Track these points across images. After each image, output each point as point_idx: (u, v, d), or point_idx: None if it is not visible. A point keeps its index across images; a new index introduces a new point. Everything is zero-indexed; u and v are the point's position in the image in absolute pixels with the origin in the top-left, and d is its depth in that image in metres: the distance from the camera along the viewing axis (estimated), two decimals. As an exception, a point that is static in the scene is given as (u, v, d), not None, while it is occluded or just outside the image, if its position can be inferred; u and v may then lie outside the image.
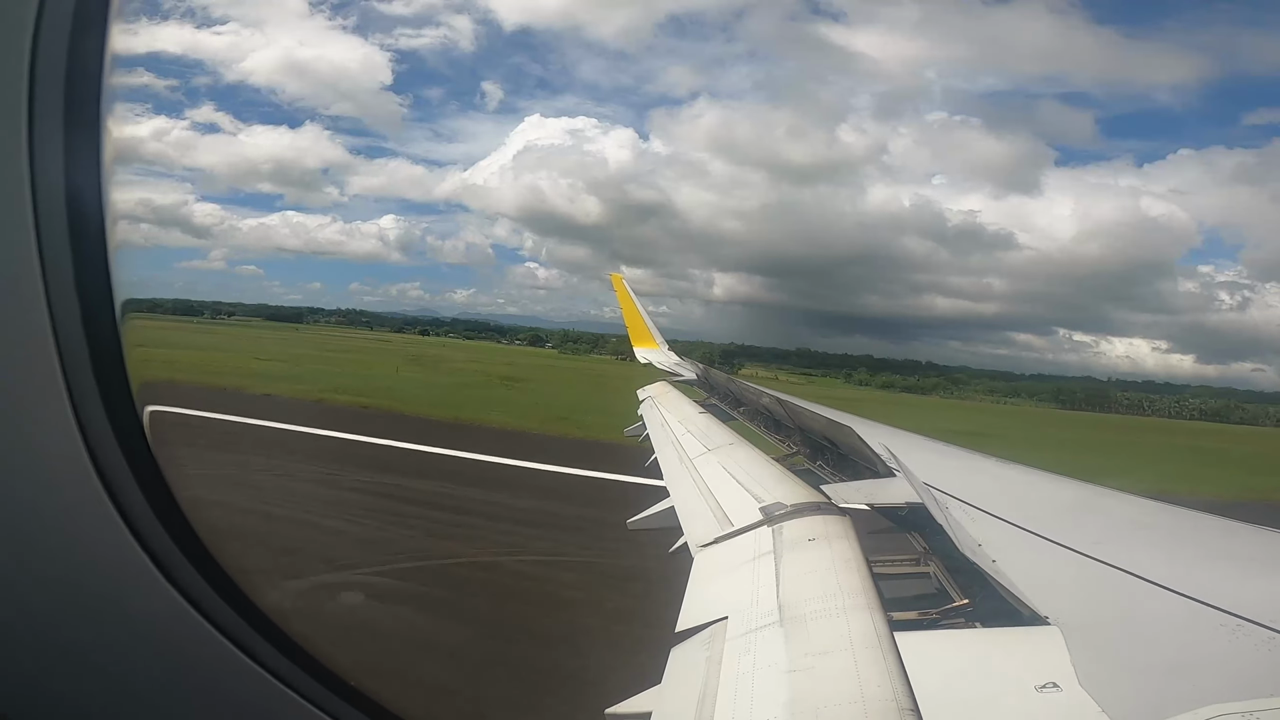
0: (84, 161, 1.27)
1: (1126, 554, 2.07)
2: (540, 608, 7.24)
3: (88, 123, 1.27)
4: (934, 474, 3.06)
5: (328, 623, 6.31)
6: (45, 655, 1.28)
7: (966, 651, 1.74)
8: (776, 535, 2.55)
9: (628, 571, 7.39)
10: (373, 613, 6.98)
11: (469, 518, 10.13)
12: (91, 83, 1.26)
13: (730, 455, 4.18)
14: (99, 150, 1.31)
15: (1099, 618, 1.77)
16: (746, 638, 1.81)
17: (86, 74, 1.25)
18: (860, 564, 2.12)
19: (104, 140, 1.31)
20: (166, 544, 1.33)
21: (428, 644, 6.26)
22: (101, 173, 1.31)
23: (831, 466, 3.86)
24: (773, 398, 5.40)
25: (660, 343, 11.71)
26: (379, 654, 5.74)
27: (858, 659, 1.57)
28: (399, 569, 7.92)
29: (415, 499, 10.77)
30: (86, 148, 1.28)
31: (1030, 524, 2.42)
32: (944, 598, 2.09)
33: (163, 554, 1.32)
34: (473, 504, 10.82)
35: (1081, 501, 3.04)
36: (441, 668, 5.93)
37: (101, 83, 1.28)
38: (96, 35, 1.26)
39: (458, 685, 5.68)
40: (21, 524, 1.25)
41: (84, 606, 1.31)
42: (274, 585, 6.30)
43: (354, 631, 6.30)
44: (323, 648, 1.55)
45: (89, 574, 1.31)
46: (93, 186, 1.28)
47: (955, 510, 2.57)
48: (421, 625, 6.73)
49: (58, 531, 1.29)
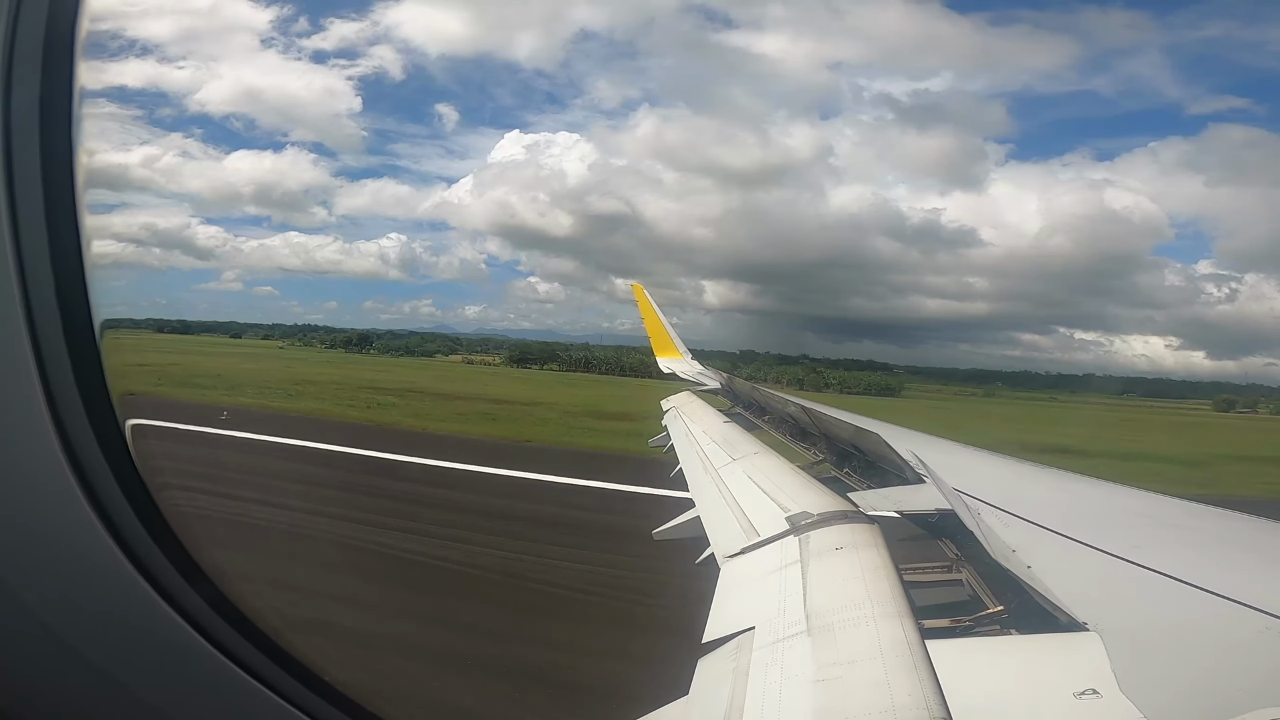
0: (59, 186, 1.33)
1: (1167, 557, 2.01)
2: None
3: (61, 151, 1.33)
4: (963, 479, 3.00)
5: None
6: (37, 654, 1.31)
7: (1002, 659, 1.70)
8: (803, 544, 2.53)
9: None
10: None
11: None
12: (62, 113, 1.32)
13: (755, 464, 4.15)
14: (73, 174, 1.37)
15: (1139, 623, 1.72)
16: (774, 648, 1.79)
17: (57, 106, 1.31)
18: (889, 572, 2.09)
19: (77, 165, 1.37)
20: (150, 548, 1.38)
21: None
22: (76, 196, 1.37)
23: (858, 474, 3.81)
24: (797, 405, 5.35)
25: (683, 352, 11.69)
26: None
27: (888, 668, 1.54)
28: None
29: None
30: (61, 173, 1.34)
31: (1065, 528, 2.36)
32: (977, 605, 2.04)
33: (145, 557, 1.37)
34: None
35: (1117, 504, 2.96)
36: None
37: (72, 114, 1.34)
38: (65, 68, 1.32)
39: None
40: (8, 529, 1.29)
41: (70, 610, 1.35)
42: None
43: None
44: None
45: (73, 579, 1.35)
46: (69, 210, 1.34)
47: (987, 516, 2.52)
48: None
49: (41, 534, 1.33)
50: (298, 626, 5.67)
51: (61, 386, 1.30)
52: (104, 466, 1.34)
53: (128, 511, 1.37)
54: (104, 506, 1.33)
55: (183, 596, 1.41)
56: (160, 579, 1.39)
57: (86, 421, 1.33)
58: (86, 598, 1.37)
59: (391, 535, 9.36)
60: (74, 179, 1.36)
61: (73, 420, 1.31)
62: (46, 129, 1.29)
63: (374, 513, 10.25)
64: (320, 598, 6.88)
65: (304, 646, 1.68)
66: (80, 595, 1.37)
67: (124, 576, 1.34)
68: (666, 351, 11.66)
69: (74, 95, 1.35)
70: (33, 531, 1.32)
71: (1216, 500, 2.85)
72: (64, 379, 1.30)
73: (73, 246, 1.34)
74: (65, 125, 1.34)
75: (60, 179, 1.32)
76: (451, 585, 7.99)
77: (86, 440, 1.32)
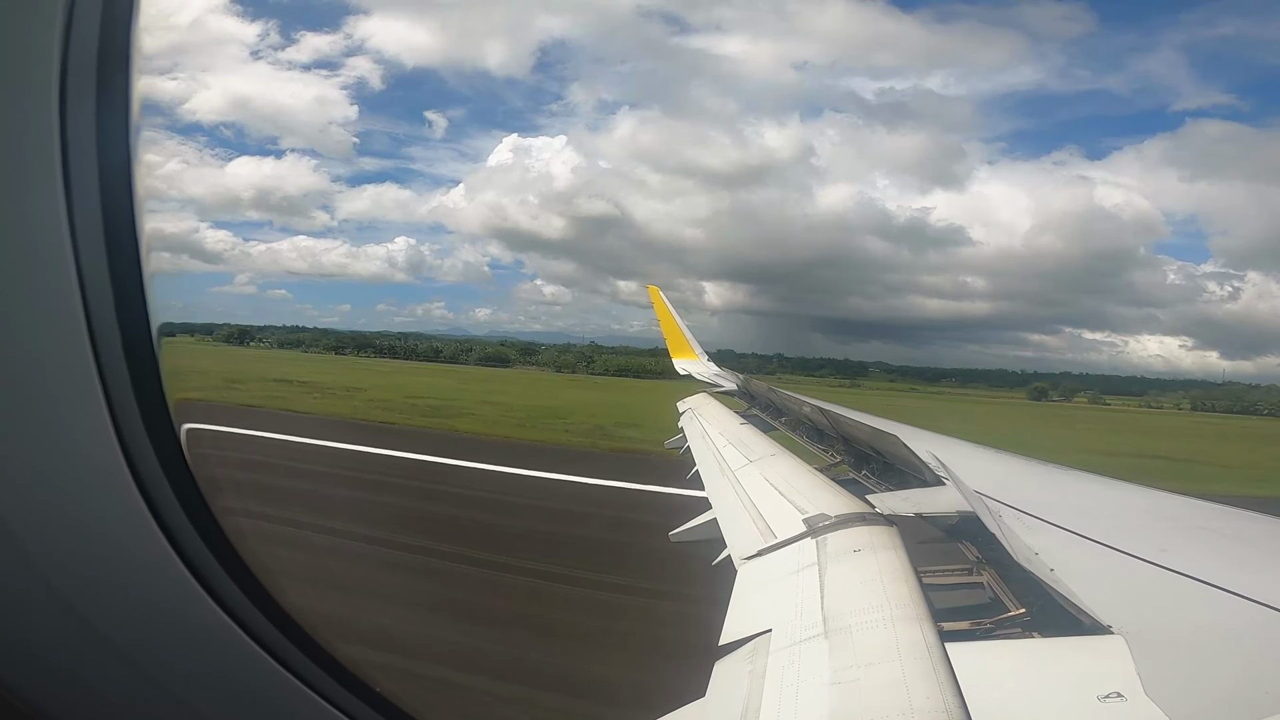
0: (118, 192, 1.36)
1: (1194, 560, 1.97)
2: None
3: (119, 166, 1.36)
4: (984, 481, 2.97)
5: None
6: (86, 656, 1.34)
7: (1024, 661, 1.68)
8: (821, 547, 2.51)
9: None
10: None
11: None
12: (119, 121, 1.35)
13: (772, 466, 4.14)
14: (131, 180, 1.39)
15: (1165, 626, 1.69)
16: (791, 650, 1.78)
17: (114, 115, 1.34)
18: (908, 574, 2.07)
19: (135, 173, 1.40)
20: (202, 551, 1.40)
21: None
22: (135, 202, 1.40)
23: (877, 476, 3.78)
24: (814, 407, 5.32)
25: (699, 353, 11.66)
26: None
27: (906, 670, 1.52)
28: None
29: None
30: (119, 180, 1.37)
31: (1090, 531, 2.32)
32: (998, 607, 2.01)
33: (199, 561, 1.39)
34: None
35: (1142, 506, 2.90)
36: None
37: (129, 122, 1.37)
38: (121, 79, 1.35)
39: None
40: (64, 531, 1.32)
41: (124, 613, 1.38)
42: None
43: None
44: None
45: (128, 582, 1.38)
46: (127, 216, 1.37)
47: (1009, 518, 2.49)
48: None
49: (100, 540, 1.36)
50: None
51: (120, 391, 1.32)
52: (158, 470, 1.37)
53: (180, 514, 1.39)
54: (159, 510, 1.36)
55: (236, 603, 1.43)
56: (212, 583, 1.41)
57: (142, 426, 1.35)
58: (137, 598, 1.40)
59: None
60: (131, 186, 1.39)
61: (130, 424, 1.33)
62: (103, 137, 1.31)
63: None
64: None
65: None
66: (135, 597, 1.39)
67: (177, 578, 1.37)
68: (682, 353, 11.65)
69: (131, 103, 1.38)
70: (90, 535, 1.35)
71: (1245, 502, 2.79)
72: (121, 384, 1.33)
73: (131, 254, 1.37)
74: (123, 133, 1.36)
75: (118, 187, 1.35)
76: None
77: (142, 444, 1.35)
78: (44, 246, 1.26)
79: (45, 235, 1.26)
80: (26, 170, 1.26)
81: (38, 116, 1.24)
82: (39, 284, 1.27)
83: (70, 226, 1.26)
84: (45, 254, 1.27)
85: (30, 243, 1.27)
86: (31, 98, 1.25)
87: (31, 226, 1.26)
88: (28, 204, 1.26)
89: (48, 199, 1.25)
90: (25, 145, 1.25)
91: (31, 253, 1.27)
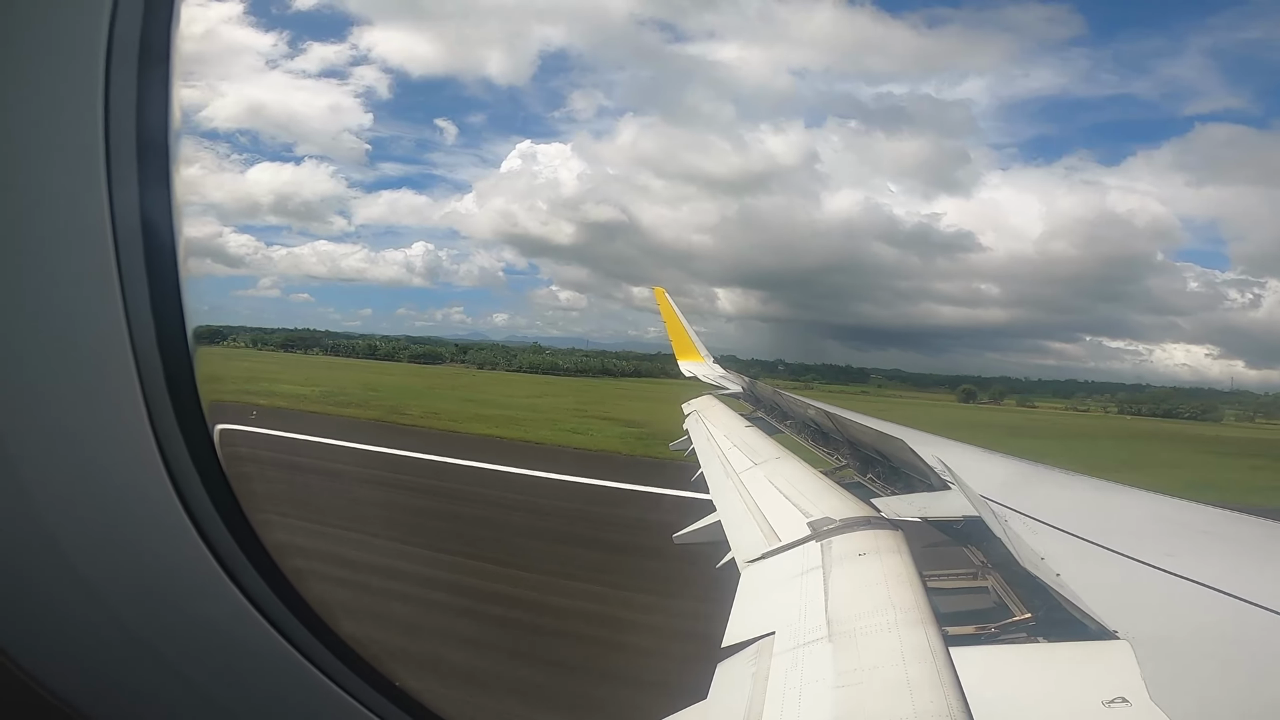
0: (157, 203, 1.38)
1: (1201, 565, 1.96)
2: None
3: (158, 172, 1.38)
4: (991, 486, 2.95)
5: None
6: (121, 651, 1.36)
7: (1029, 666, 1.67)
8: (825, 550, 2.50)
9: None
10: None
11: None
12: (159, 137, 1.37)
13: (777, 469, 4.13)
14: (170, 192, 1.41)
15: (1172, 632, 1.67)
16: (794, 653, 1.78)
17: (154, 131, 1.35)
18: (913, 578, 2.06)
19: (174, 185, 1.42)
20: (232, 548, 1.42)
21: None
22: (173, 211, 1.42)
23: (882, 480, 3.76)
24: (820, 410, 5.31)
25: (705, 355, 11.65)
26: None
27: (909, 673, 1.52)
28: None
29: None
30: (158, 192, 1.38)
31: (1097, 536, 2.31)
32: (1003, 612, 2.00)
33: (228, 558, 1.41)
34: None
35: (1149, 512, 2.88)
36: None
37: (169, 137, 1.39)
38: (161, 93, 1.37)
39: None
40: (104, 528, 1.34)
41: (157, 605, 1.40)
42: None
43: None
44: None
45: (162, 575, 1.40)
46: (165, 224, 1.39)
47: (1015, 523, 2.48)
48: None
49: (136, 535, 1.38)
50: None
51: (156, 393, 1.34)
52: (191, 469, 1.38)
53: (214, 515, 1.41)
54: (192, 509, 1.37)
55: (263, 598, 1.45)
56: (241, 578, 1.43)
57: (177, 425, 1.37)
58: (167, 592, 1.41)
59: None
60: (170, 190, 1.41)
61: (165, 423, 1.35)
62: (143, 141, 1.33)
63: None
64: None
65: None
66: (167, 590, 1.41)
67: (208, 573, 1.38)
68: (688, 355, 11.63)
69: (171, 107, 1.39)
70: (125, 530, 1.37)
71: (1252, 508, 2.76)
72: (158, 386, 1.35)
73: (168, 257, 1.39)
74: (162, 138, 1.38)
75: (156, 191, 1.37)
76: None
77: (176, 442, 1.37)
78: (89, 250, 1.29)
79: (90, 239, 1.28)
80: (72, 173, 1.28)
81: (83, 120, 1.26)
82: (83, 287, 1.30)
83: (113, 230, 1.28)
84: (90, 258, 1.29)
85: (76, 247, 1.29)
86: (77, 102, 1.27)
87: (77, 230, 1.28)
88: (74, 208, 1.28)
89: (93, 203, 1.27)
90: (70, 149, 1.28)
91: (77, 256, 1.30)
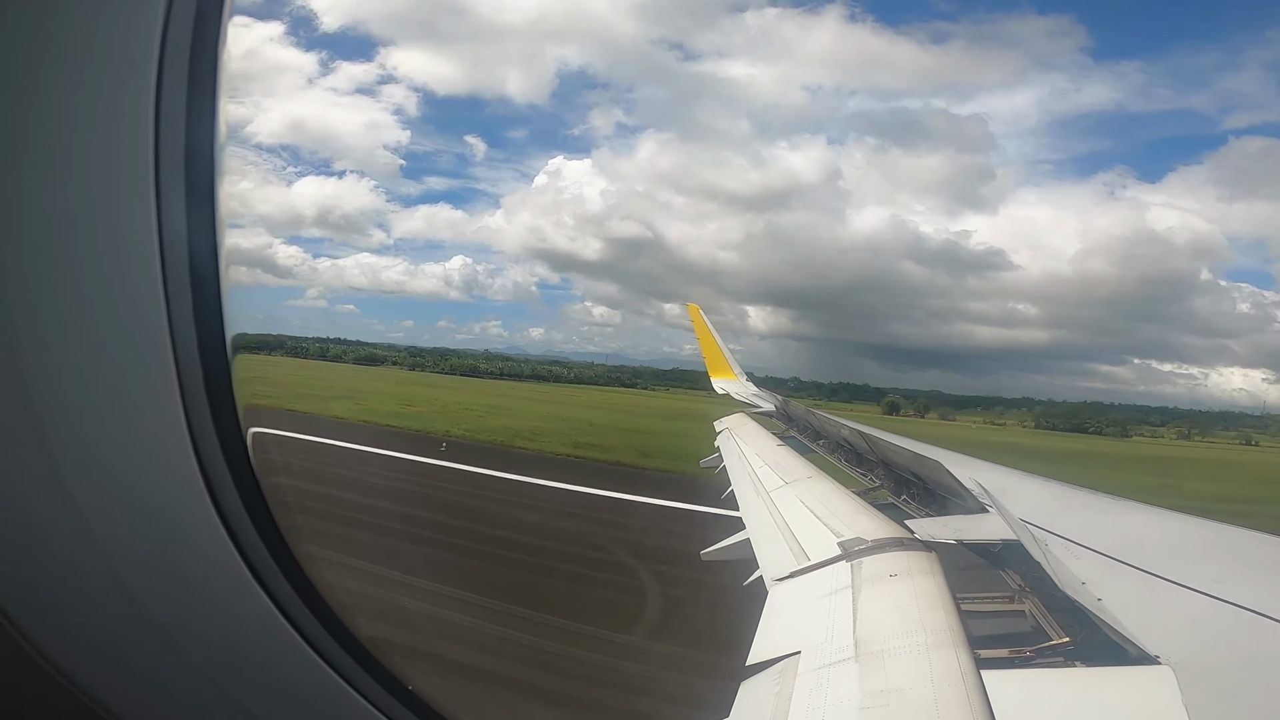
0: (201, 214, 1.44)
1: (1247, 592, 1.86)
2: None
3: (204, 184, 1.44)
4: (1030, 510, 2.86)
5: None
6: (150, 650, 1.40)
7: (1066, 690, 1.60)
8: (855, 570, 2.45)
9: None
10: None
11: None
12: (206, 150, 1.44)
13: (809, 489, 4.07)
14: (214, 204, 1.48)
15: (1216, 657, 1.59)
16: (820, 673, 1.74)
17: (201, 145, 1.42)
18: (946, 600, 2.01)
19: (218, 197, 1.48)
20: (262, 553, 1.46)
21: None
22: (217, 222, 1.48)
23: (917, 501, 3.68)
24: (854, 430, 5.22)
25: (738, 373, 11.57)
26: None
27: (938, 696, 1.47)
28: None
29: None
30: (204, 203, 1.45)
31: (1140, 561, 2.21)
32: (1040, 636, 1.93)
33: (258, 562, 1.45)
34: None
35: (1194, 537, 2.75)
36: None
37: (214, 150, 1.46)
38: (209, 108, 1.44)
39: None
40: (140, 528, 1.39)
41: (187, 606, 1.44)
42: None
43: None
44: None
45: (193, 576, 1.44)
46: (209, 234, 1.45)
47: (1055, 547, 2.39)
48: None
49: (169, 536, 1.43)
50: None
51: (195, 398, 1.40)
52: (226, 473, 1.43)
53: (245, 518, 1.45)
54: (224, 511, 1.42)
55: (289, 602, 1.49)
56: (269, 583, 1.47)
57: (213, 428, 1.42)
58: (204, 594, 1.46)
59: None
60: (214, 201, 1.47)
61: (202, 426, 1.40)
62: (191, 150, 1.40)
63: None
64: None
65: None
66: (199, 592, 1.46)
67: (237, 576, 1.43)
68: (721, 372, 11.57)
69: (218, 117, 1.47)
70: (159, 529, 1.42)
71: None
72: (197, 391, 1.40)
73: (210, 266, 1.46)
74: (209, 149, 1.45)
75: (202, 201, 1.44)
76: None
77: (211, 446, 1.42)
78: (135, 256, 1.35)
79: (137, 245, 1.34)
80: (123, 181, 1.35)
81: (134, 130, 1.33)
82: (129, 292, 1.36)
83: (159, 239, 1.34)
84: (136, 264, 1.35)
85: (124, 253, 1.35)
86: (129, 115, 1.33)
87: (125, 238, 1.35)
88: (123, 214, 1.35)
89: (141, 211, 1.33)
90: (123, 158, 1.34)
91: (124, 262, 1.36)
